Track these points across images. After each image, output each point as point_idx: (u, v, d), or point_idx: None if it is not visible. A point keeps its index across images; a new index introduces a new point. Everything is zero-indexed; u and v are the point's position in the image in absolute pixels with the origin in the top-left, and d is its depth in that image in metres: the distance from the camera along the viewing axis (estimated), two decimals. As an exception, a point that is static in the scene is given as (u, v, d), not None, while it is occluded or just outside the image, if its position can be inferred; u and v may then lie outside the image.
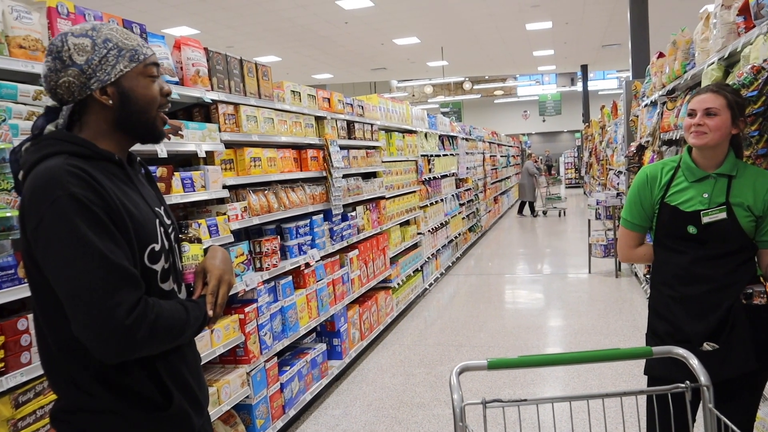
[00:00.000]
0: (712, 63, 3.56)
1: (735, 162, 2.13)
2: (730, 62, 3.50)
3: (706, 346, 2.06)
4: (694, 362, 1.51)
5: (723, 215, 2.07)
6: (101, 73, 1.34)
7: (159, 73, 1.45)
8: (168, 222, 1.50)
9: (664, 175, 2.22)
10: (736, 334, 2.04)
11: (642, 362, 2.32)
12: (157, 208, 1.47)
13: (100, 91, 1.35)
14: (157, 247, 1.39)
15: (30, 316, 2.00)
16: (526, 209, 16.01)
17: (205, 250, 1.61)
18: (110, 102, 1.36)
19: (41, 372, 1.93)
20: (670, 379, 1.71)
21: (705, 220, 2.08)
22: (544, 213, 15.73)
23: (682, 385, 1.49)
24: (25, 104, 2.09)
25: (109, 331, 1.21)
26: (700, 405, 1.62)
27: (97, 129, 1.38)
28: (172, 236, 1.50)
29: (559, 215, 15.64)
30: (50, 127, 1.37)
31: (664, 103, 5.18)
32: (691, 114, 2.13)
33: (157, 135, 1.47)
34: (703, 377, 1.47)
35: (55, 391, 1.39)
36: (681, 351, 1.55)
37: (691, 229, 2.11)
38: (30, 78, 2.17)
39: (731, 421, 1.43)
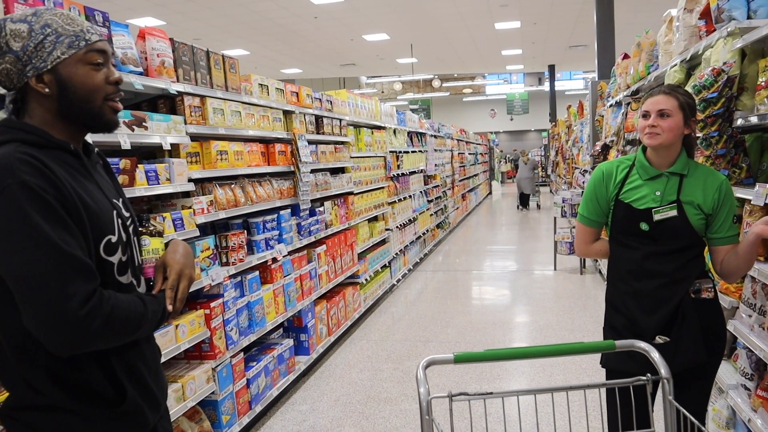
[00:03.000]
0: (675, 65, 3.64)
1: (687, 161, 2.19)
2: (692, 64, 3.58)
3: (658, 339, 2.12)
4: (655, 356, 1.54)
5: (674, 213, 2.13)
6: (36, 60, 1.29)
7: (106, 59, 1.38)
8: (126, 214, 1.46)
9: (619, 172, 2.27)
10: (686, 327, 2.11)
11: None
12: (114, 200, 1.43)
13: (36, 78, 1.30)
14: (114, 238, 1.35)
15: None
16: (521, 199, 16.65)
17: (166, 244, 1.58)
18: (47, 90, 1.31)
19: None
20: (626, 372, 1.74)
21: (656, 217, 2.14)
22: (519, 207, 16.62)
23: (644, 378, 1.52)
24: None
25: (62, 323, 1.18)
26: (657, 395, 1.66)
27: (42, 117, 1.33)
28: (131, 229, 1.46)
29: (537, 206, 16.96)
30: (1, 114, 1.33)
31: (628, 104, 5.29)
32: (645, 115, 2.18)
33: (104, 124, 1.40)
34: (663, 370, 1.51)
35: (5, 388, 1.34)
36: (643, 345, 1.58)
37: (644, 226, 2.16)
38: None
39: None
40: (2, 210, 1.18)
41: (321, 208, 4.95)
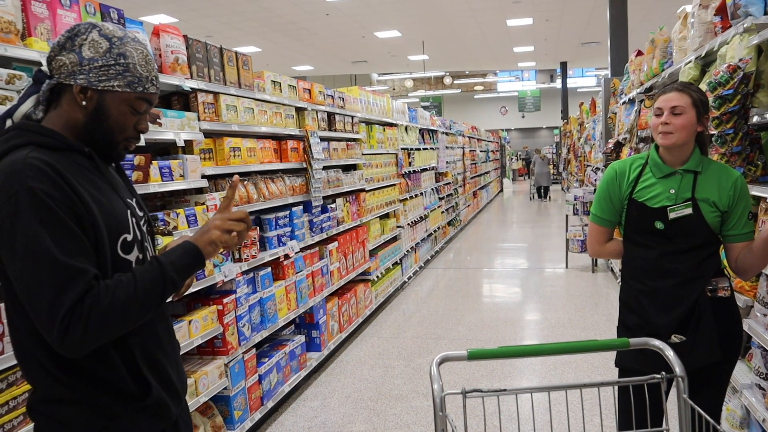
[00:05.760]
0: (690, 62, 3.61)
1: (700, 158, 2.17)
2: (706, 61, 3.55)
3: (674, 338, 2.10)
4: (669, 354, 1.54)
5: (689, 210, 2.11)
6: (93, 76, 1.33)
7: (147, 110, 1.42)
8: (140, 213, 1.49)
9: (632, 171, 2.26)
10: (702, 326, 2.09)
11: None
12: (128, 200, 1.46)
13: (81, 88, 1.33)
14: (129, 237, 1.38)
15: (3, 306, 1.96)
16: (540, 191, 18.78)
17: None
18: (83, 103, 1.34)
19: (15, 362, 1.89)
20: (641, 371, 1.74)
21: (671, 215, 2.12)
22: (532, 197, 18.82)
23: (658, 375, 1.51)
24: (-2, 88, 2.04)
25: (54, 330, 1.21)
26: (670, 394, 1.65)
27: (68, 118, 1.37)
28: (145, 228, 1.49)
29: (549, 198, 18.71)
30: (29, 104, 1.36)
31: (641, 101, 5.25)
32: (658, 113, 2.17)
33: (112, 157, 1.45)
34: (678, 368, 1.50)
35: (29, 381, 1.37)
36: (657, 343, 1.58)
37: (659, 225, 2.14)
38: (3, 61, 2.12)
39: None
40: (7, 216, 1.21)
41: (333, 205, 4.96)
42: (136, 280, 1.29)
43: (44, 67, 1.38)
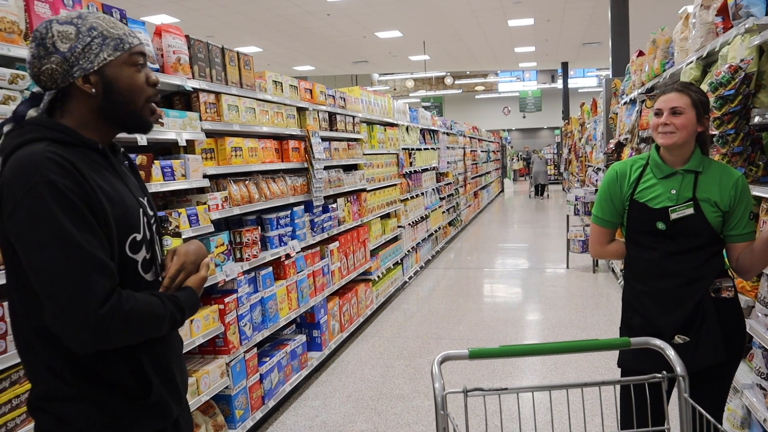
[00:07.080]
0: (691, 62, 3.61)
1: (701, 158, 2.18)
2: (708, 62, 3.55)
3: (678, 339, 2.10)
4: (670, 353, 1.54)
5: (690, 211, 2.11)
6: (84, 61, 1.32)
7: (145, 61, 1.42)
8: (151, 213, 1.49)
9: (633, 172, 2.26)
10: (705, 327, 2.09)
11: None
12: (140, 198, 1.45)
13: (83, 79, 1.33)
14: (139, 236, 1.37)
15: (6, 304, 1.96)
16: (538, 189, 20.03)
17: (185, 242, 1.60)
18: (93, 91, 1.34)
19: (17, 360, 1.90)
20: (643, 371, 1.74)
21: (673, 216, 2.12)
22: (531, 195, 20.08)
23: (659, 375, 1.52)
24: (0, 87, 2.04)
25: (82, 321, 1.20)
26: (672, 394, 1.66)
27: (81, 117, 1.36)
28: (154, 227, 1.49)
29: (546, 196, 19.94)
30: (32, 113, 1.35)
31: (643, 101, 5.25)
32: (658, 113, 2.17)
33: (144, 125, 1.44)
34: (679, 368, 1.50)
35: (30, 378, 1.37)
36: (658, 342, 1.58)
37: (660, 225, 2.15)
38: (6, 61, 2.12)
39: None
40: (28, 208, 1.20)
41: (334, 205, 4.96)
42: (165, 305, 1.36)
43: (35, 89, 1.36)
